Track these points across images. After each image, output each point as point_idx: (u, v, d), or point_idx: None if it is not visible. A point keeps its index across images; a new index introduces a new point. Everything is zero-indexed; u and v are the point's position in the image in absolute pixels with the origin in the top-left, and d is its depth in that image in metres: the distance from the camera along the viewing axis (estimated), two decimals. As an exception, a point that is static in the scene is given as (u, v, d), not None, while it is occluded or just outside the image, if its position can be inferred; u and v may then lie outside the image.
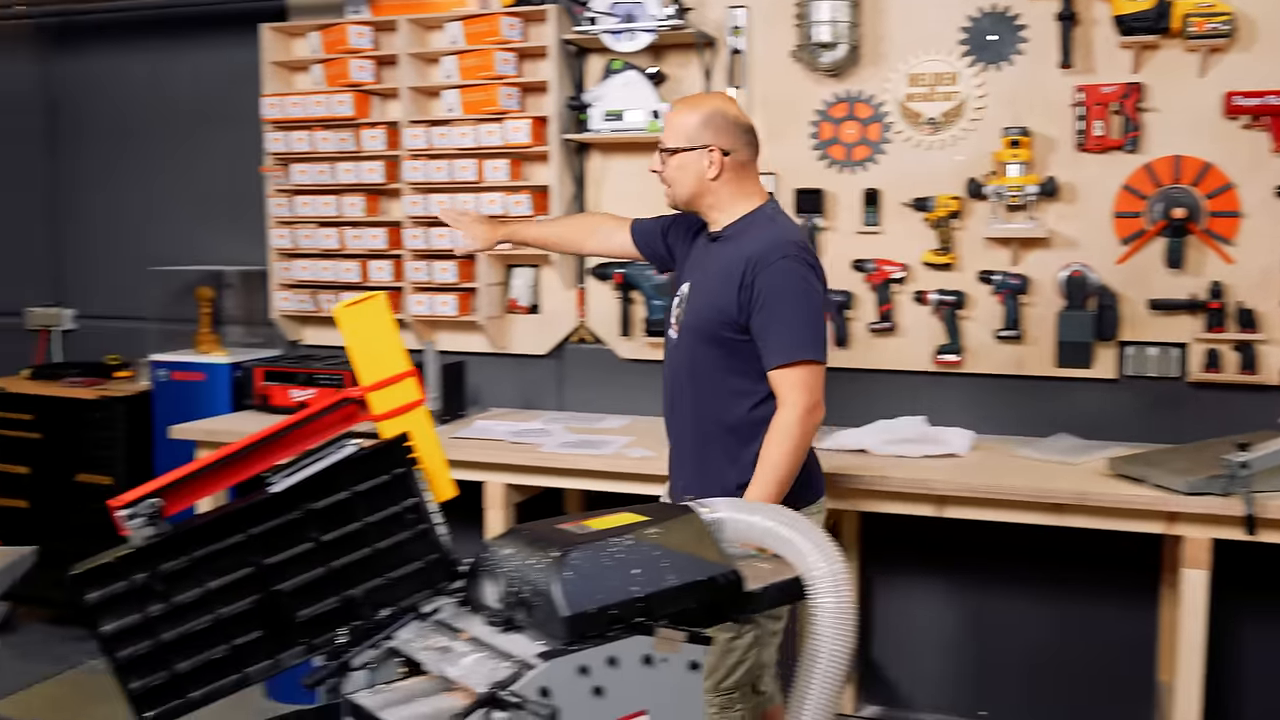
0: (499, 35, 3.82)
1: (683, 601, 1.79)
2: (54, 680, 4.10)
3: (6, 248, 4.98)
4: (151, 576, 1.69)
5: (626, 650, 1.67)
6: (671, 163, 2.59)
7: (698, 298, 2.59)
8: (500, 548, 1.81)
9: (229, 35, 4.41)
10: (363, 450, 1.78)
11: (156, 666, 1.71)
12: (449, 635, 1.76)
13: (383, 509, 1.81)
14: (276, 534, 1.74)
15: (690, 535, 1.89)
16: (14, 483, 4.45)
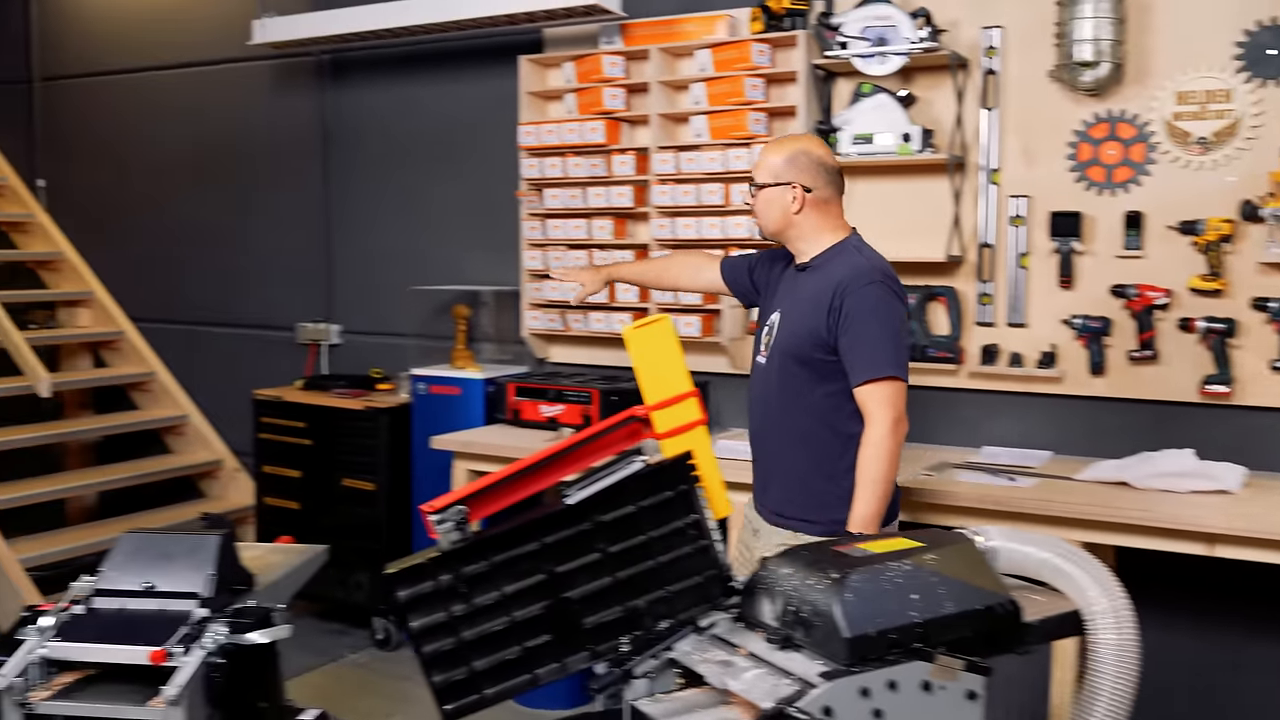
0: (749, 62, 3.90)
1: (959, 629, 1.78)
2: (317, 671, 4.39)
3: (284, 269, 5.40)
4: (455, 578, 1.81)
5: (906, 675, 1.68)
6: (760, 196, 2.77)
7: (789, 323, 2.75)
8: (778, 567, 1.85)
9: (489, 67, 4.66)
10: (650, 467, 1.86)
11: (457, 662, 1.83)
12: (727, 650, 1.82)
13: (666, 524, 1.88)
14: (568, 544, 1.84)
15: (966, 563, 1.88)
16: (287, 485, 4.81)
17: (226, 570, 2.31)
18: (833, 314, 2.63)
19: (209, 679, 2.11)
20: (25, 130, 6.17)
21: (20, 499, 4.89)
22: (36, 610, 2.25)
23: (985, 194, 3.71)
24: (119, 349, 5.85)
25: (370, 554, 4.53)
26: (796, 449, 2.72)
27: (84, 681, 2.20)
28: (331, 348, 5.29)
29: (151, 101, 5.76)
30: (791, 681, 1.67)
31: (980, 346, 3.72)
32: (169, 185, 5.77)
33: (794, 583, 1.79)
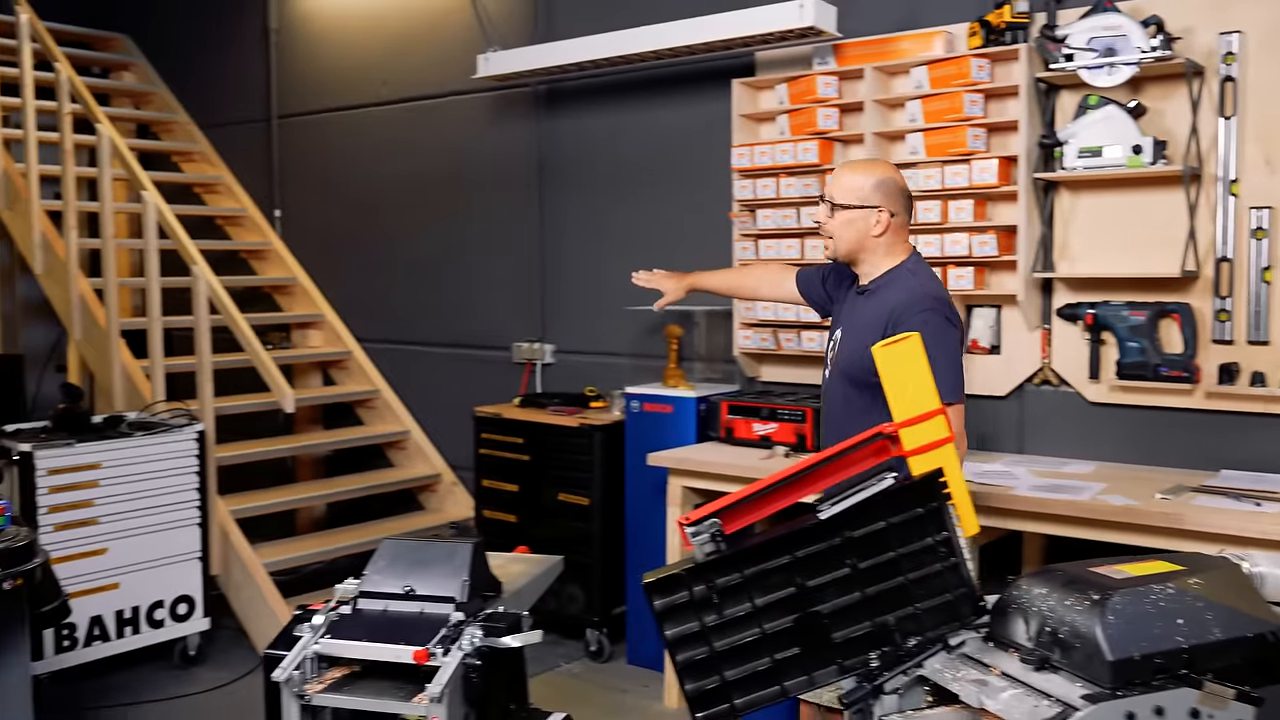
0: (967, 77, 3.86)
1: (1228, 657, 1.73)
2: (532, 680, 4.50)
3: (500, 291, 5.63)
4: (709, 589, 1.87)
5: (1173, 702, 1.65)
6: (840, 217, 2.86)
7: (847, 345, 2.89)
8: (1032, 586, 1.84)
9: (700, 92, 4.75)
10: (901, 483, 1.88)
11: (709, 672, 1.89)
12: (979, 669, 1.81)
13: (916, 540, 1.89)
14: (818, 558, 1.88)
15: (1233, 588, 1.83)
16: (506, 499, 5.00)
17: (478, 577, 2.44)
18: (879, 331, 2.69)
19: (467, 679, 2.24)
20: (265, 165, 6.64)
21: (261, 508, 5.24)
22: (308, 609, 2.44)
23: (1223, 206, 3.55)
24: (346, 368, 6.21)
25: (584, 567, 4.66)
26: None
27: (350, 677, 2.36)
28: (545, 367, 5.47)
29: (378, 135, 6.11)
30: (1051, 703, 1.65)
31: (1217, 365, 3.56)
32: (393, 214, 6.10)
33: (1050, 603, 1.78)
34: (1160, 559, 1.88)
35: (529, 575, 2.71)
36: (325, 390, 6.21)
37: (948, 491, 1.89)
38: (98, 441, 4.33)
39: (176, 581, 4.55)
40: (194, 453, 4.60)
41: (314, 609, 2.43)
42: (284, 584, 4.94)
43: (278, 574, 4.95)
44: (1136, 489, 3.31)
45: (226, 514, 4.90)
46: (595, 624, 4.70)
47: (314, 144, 6.45)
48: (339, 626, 2.37)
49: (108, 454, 4.33)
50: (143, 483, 4.42)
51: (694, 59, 4.69)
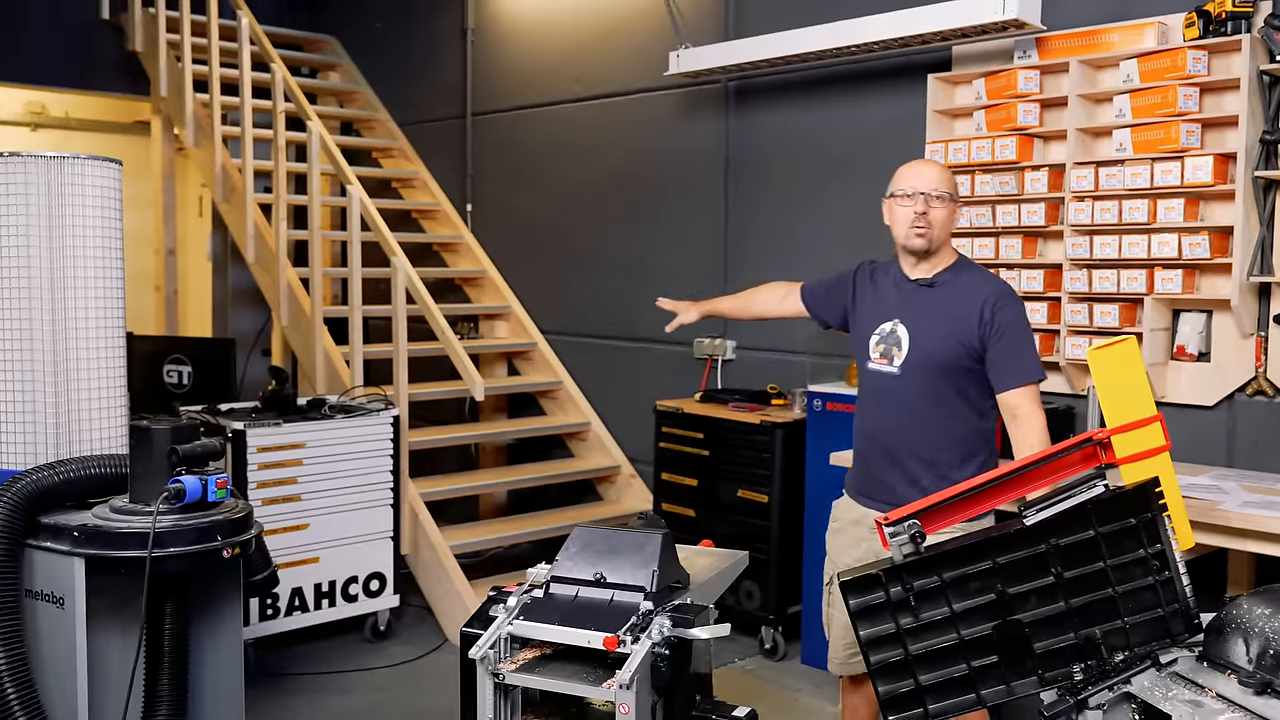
0: (1182, 70, 3.67)
1: None
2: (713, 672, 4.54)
3: (684, 287, 5.65)
4: (906, 591, 1.84)
5: None
6: (947, 208, 3.02)
7: (929, 335, 2.99)
8: (1254, 606, 1.74)
9: (892, 87, 4.68)
10: (1113, 492, 1.81)
11: (904, 675, 1.86)
12: (1194, 689, 1.73)
13: (1126, 552, 1.82)
14: (1021, 565, 1.83)
15: None
16: (685, 493, 5.03)
17: (666, 568, 2.46)
18: (984, 326, 2.94)
19: (655, 668, 2.27)
20: (459, 161, 6.87)
21: (448, 492, 5.43)
22: (503, 591, 2.51)
23: None
24: (531, 359, 6.37)
25: (761, 564, 4.65)
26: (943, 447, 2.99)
27: (541, 659, 2.42)
28: (725, 363, 5.48)
29: (568, 132, 6.24)
30: (1275, 729, 1.57)
31: None
32: (580, 209, 6.21)
33: (1274, 624, 1.69)
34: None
35: (715, 569, 2.72)
36: (510, 380, 6.38)
37: (1163, 502, 1.81)
38: (302, 422, 4.57)
39: (370, 559, 4.76)
40: (389, 436, 4.80)
41: (508, 590, 2.50)
42: (467, 566, 5.11)
43: (461, 556, 5.12)
44: (1364, 510, 3.09)
45: (416, 496, 5.10)
46: (770, 621, 4.69)
47: (506, 141, 6.64)
48: (531, 609, 2.43)
49: (311, 434, 4.56)
50: (342, 463, 4.64)
51: (887, 54, 4.62)
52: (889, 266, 3.21)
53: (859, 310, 3.21)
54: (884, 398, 3.09)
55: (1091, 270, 3.92)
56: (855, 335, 3.21)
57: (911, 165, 3.15)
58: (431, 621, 5.01)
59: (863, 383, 3.19)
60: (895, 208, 3.10)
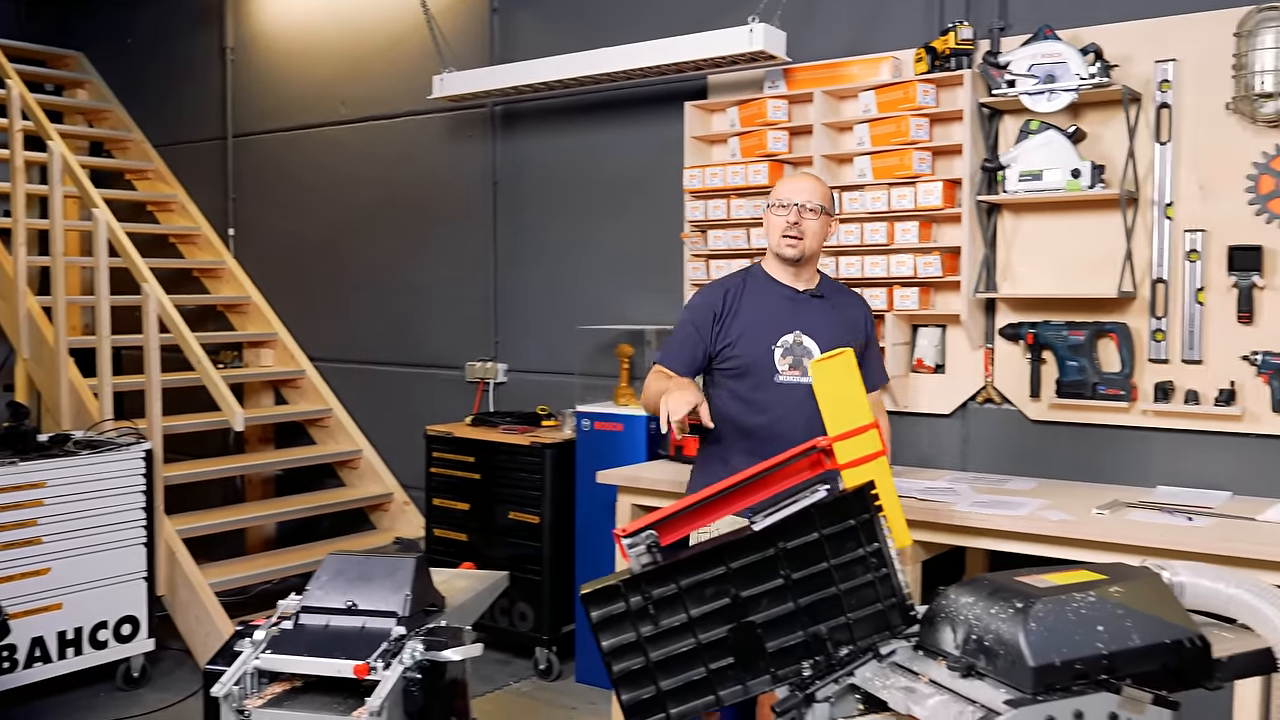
0: (913, 102, 3.93)
1: (1146, 663, 1.77)
2: (482, 699, 4.51)
3: (453, 311, 5.64)
4: (645, 600, 1.89)
5: (1092, 706, 1.68)
6: (820, 220, 3.15)
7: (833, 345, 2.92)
8: (959, 595, 1.87)
9: (653, 114, 4.81)
10: (833, 495, 1.91)
11: (645, 681, 1.90)
12: (909, 676, 1.84)
13: (847, 552, 1.92)
14: (752, 569, 1.90)
15: (1152, 596, 1.87)
16: (458, 517, 5.00)
17: (421, 591, 2.45)
18: (863, 334, 3.24)
19: (407, 693, 2.25)
20: (220, 183, 6.62)
21: (208, 527, 5.20)
22: (250, 625, 2.43)
23: (1159, 229, 3.64)
24: (299, 387, 6.19)
25: (534, 586, 4.67)
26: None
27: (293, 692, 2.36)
28: (497, 386, 5.49)
29: (333, 155, 6.12)
30: (976, 708, 1.69)
31: (1153, 384, 3.64)
32: (347, 233, 6.10)
33: (976, 611, 1.81)
34: (1084, 568, 1.93)
35: (473, 590, 2.71)
36: (277, 409, 6.18)
37: (879, 504, 1.92)
38: (42, 460, 4.29)
39: (121, 602, 4.50)
40: (140, 471, 4.56)
41: (255, 624, 2.42)
42: (233, 604, 4.91)
43: (226, 594, 4.92)
44: (1074, 505, 3.38)
45: (173, 533, 4.86)
46: (544, 642, 4.70)
47: (269, 163, 6.45)
48: (280, 642, 2.36)
49: (52, 472, 4.29)
50: (87, 501, 4.38)
51: (648, 81, 4.75)
52: (753, 279, 3.24)
53: (745, 328, 3.16)
54: (787, 406, 3.11)
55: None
56: (744, 351, 3.15)
57: (789, 178, 3.31)
58: (191, 664, 4.78)
59: (763, 396, 3.14)
60: (770, 217, 3.19)
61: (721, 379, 3.21)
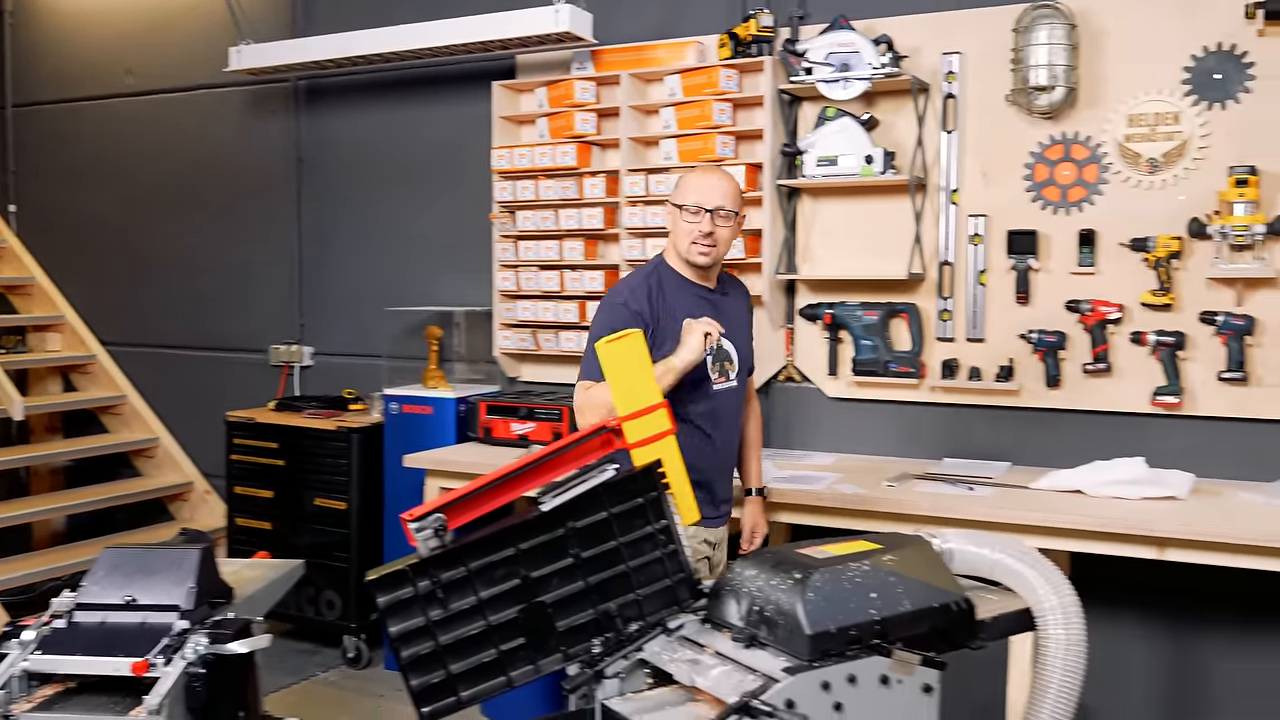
0: (717, 87, 4.00)
1: (917, 626, 1.86)
2: (288, 690, 4.41)
3: (257, 292, 5.44)
4: (433, 584, 1.87)
5: (865, 669, 1.76)
6: (732, 226, 2.89)
7: (741, 343, 3.03)
8: (743, 569, 1.93)
9: (463, 93, 4.74)
10: (621, 475, 1.93)
11: (434, 666, 1.89)
12: (695, 649, 1.89)
13: (636, 530, 1.95)
14: (542, 550, 1.91)
15: (923, 563, 1.97)
16: (261, 506, 4.84)
17: (206, 584, 2.35)
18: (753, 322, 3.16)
19: (190, 689, 2.16)
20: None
21: (-10, 522, 4.89)
22: (18, 625, 2.29)
23: (945, 214, 3.82)
24: (90, 373, 5.87)
25: (341, 573, 4.58)
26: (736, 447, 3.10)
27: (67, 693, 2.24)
28: (304, 369, 5.33)
29: (124, 127, 5.81)
30: (756, 677, 1.74)
31: (941, 361, 3.82)
32: (142, 210, 5.80)
33: (759, 584, 1.87)
34: (862, 539, 2.01)
35: (265, 580, 2.63)
36: (65, 397, 5.85)
37: (666, 482, 1.96)
38: None
39: (-113, 604, 4.19)
40: (-93, 464, 4.24)
41: (24, 624, 2.29)
42: (16, 604, 4.62)
43: (9, 593, 4.63)
44: (868, 478, 3.52)
45: (-53, 530, 4.55)
46: (353, 630, 4.61)
47: (55, 135, 6.07)
48: (51, 641, 2.23)
49: None
50: None
51: (456, 60, 4.68)
52: (666, 281, 2.90)
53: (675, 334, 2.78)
54: (728, 413, 2.97)
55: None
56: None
57: (700, 175, 2.91)
58: (-31, 669, 4.48)
59: (701, 408, 2.88)
60: (679, 220, 2.85)
61: None
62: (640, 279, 2.90)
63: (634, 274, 2.97)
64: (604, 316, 2.83)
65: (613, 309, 2.84)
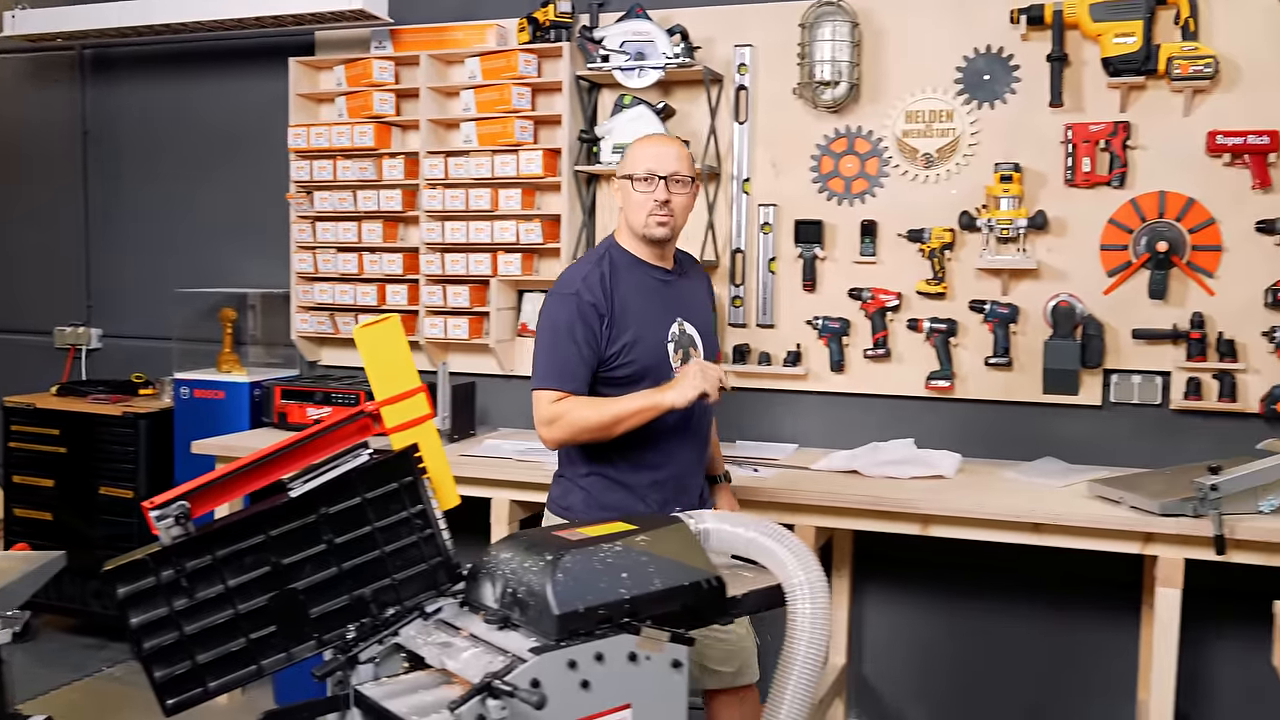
0: (516, 71, 4.00)
1: (667, 604, 1.92)
2: (70, 687, 4.22)
3: (39, 270, 5.17)
4: (178, 573, 1.83)
5: (613, 648, 1.80)
6: (689, 192, 2.66)
7: (703, 326, 2.77)
8: (499, 552, 1.95)
9: (260, 68, 4.60)
10: (375, 459, 1.92)
11: (180, 657, 1.85)
12: (450, 632, 1.90)
13: (392, 514, 1.95)
14: (293, 536, 1.89)
15: (678, 543, 2.02)
16: (39, 495, 4.61)
17: (-55, 578, 2.25)
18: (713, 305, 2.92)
19: (-77, 688, 2.06)
20: None
21: None
22: None
23: (738, 203, 3.92)
24: None
25: (131, 564, 4.41)
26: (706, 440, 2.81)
27: None
28: (91, 352, 5.10)
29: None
30: (505, 658, 1.76)
31: (733, 346, 3.93)
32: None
33: (513, 566, 1.90)
34: (620, 521, 2.06)
35: (18, 573, 2.51)
36: None
37: (423, 466, 1.96)
38: None
39: None
40: None
41: None
42: None
43: None
44: (658, 461, 3.58)
45: None
46: (142, 623, 4.43)
47: None
48: None
49: None
50: None
51: (252, 33, 4.54)
52: (619, 263, 2.66)
53: (637, 325, 2.61)
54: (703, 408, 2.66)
55: (445, 254, 4.16)
56: (641, 355, 2.61)
57: (649, 144, 2.70)
58: None
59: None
60: (631, 192, 2.62)
61: (608, 390, 2.60)
62: (590, 265, 2.64)
63: (583, 260, 2.73)
64: (554, 310, 2.60)
65: (562, 301, 2.58)
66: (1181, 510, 2.84)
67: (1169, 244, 3.42)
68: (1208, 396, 3.44)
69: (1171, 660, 2.89)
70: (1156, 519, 2.86)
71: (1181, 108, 3.45)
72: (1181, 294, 3.47)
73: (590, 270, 2.62)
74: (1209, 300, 3.44)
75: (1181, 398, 3.45)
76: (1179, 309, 3.47)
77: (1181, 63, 3.36)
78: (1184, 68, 3.36)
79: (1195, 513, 2.82)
